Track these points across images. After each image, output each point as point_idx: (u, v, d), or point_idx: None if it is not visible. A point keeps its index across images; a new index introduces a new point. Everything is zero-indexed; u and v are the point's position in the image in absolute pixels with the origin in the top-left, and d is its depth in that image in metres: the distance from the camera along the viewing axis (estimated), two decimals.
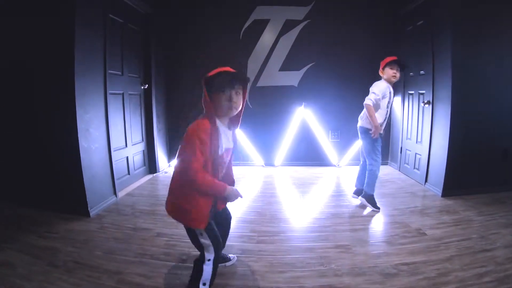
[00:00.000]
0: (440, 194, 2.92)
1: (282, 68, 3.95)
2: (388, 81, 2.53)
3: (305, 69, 3.92)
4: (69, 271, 1.72)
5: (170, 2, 3.85)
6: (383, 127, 2.56)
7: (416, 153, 3.43)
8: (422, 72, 3.30)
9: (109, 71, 2.82)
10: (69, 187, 2.50)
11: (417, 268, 1.76)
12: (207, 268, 1.38)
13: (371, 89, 2.54)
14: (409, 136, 3.62)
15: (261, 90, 4.02)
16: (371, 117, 2.46)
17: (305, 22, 3.86)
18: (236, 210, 2.63)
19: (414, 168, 3.47)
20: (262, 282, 1.66)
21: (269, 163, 4.15)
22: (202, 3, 3.88)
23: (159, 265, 1.80)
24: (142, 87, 3.56)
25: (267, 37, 3.90)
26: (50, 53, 2.43)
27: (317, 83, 3.89)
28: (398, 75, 2.52)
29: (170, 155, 4.17)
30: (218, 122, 1.37)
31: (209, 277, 1.39)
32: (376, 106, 2.50)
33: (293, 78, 3.96)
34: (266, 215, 2.57)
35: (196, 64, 3.93)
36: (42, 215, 2.45)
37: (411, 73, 3.55)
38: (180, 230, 2.14)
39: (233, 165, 1.61)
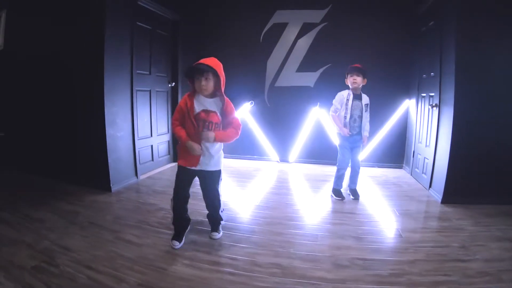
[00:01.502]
0: (440, 201, 2.83)
1: (299, 70, 4.11)
2: (352, 88, 2.76)
3: (321, 70, 4.02)
4: (83, 227, 2.19)
5: (196, 9, 4.24)
6: (347, 129, 2.77)
7: (424, 157, 3.34)
8: (432, 74, 3.22)
9: (137, 71, 3.31)
10: (97, 166, 3.00)
11: (372, 264, 1.80)
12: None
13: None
14: (420, 140, 3.53)
15: (278, 90, 4.22)
16: (334, 124, 2.88)
17: (322, 25, 3.97)
18: (235, 194, 2.92)
19: (422, 173, 3.39)
20: (222, 251, 1.92)
21: (284, 159, 4.33)
22: (225, 9, 4.22)
23: (150, 230, 2.19)
24: (170, 85, 4.02)
25: (286, 39, 4.09)
26: (85, 55, 2.95)
27: (332, 84, 3.90)
28: (358, 80, 2.71)
29: None
30: (197, 95, 1.91)
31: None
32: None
33: (309, 79, 4.10)
34: (261, 203, 2.79)
35: (222, 65, 4.25)
36: (74, 188, 2.99)
37: (424, 75, 3.47)
38: None
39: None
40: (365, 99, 2.81)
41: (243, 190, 3.18)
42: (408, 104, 3.95)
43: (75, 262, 1.75)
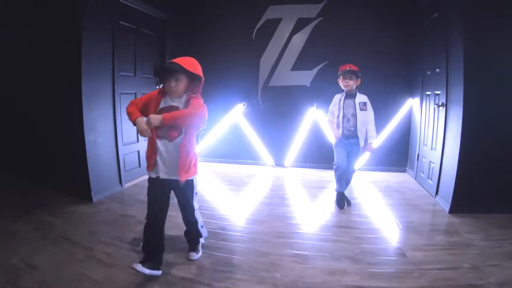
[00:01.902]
0: (448, 210, 2.59)
1: (294, 68, 3.89)
2: (345, 90, 2.66)
3: (317, 68, 3.80)
4: (55, 242, 2.04)
5: (184, 7, 4.03)
6: (340, 129, 2.66)
7: (430, 161, 3.09)
8: (437, 70, 2.97)
9: (120, 73, 3.11)
10: (77, 175, 2.82)
11: None
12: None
13: None
14: (425, 142, 3.27)
15: (273, 90, 4.00)
16: (330, 129, 2.76)
17: (318, 20, 3.74)
18: (222, 205, 2.72)
19: (428, 178, 3.14)
20: (200, 276, 1.70)
21: (279, 163, 4.11)
22: (215, 6, 4.00)
23: (125, 248, 2.00)
24: (157, 87, 3.80)
25: (279, 36, 3.87)
26: (62, 57, 2.76)
27: (329, 83, 3.65)
28: (351, 83, 2.60)
29: None
30: (167, 96, 1.70)
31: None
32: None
33: (305, 78, 3.87)
34: (249, 216, 2.57)
35: (211, 64, 4.04)
36: (56, 196, 2.86)
37: (428, 72, 3.22)
38: None
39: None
40: (360, 97, 2.65)
41: (232, 200, 2.95)
42: (411, 103, 3.70)
43: (39, 283, 1.61)
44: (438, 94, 2.97)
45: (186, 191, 1.76)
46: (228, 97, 4.05)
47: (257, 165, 4.14)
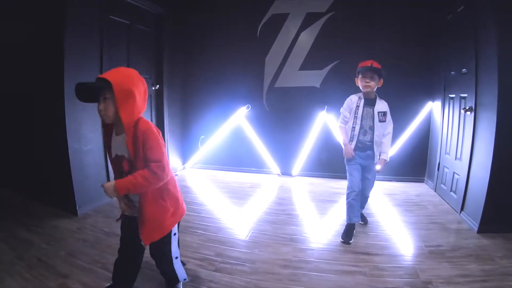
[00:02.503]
0: (476, 229, 2.27)
1: (303, 67, 3.62)
2: (363, 91, 2.25)
3: (328, 68, 3.51)
4: (29, 266, 1.82)
5: (183, 1, 3.79)
6: (352, 146, 2.27)
7: (454, 172, 2.76)
8: (464, 70, 2.64)
9: None
10: (61, 186, 2.58)
11: None
12: None
13: None
14: (448, 151, 2.95)
15: (279, 91, 3.74)
16: (342, 136, 2.36)
17: (329, 15, 3.45)
18: (220, 223, 2.40)
19: (450, 191, 2.81)
20: None
21: (285, 172, 3.81)
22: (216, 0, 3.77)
23: (103, 277, 1.73)
24: (153, 88, 3.52)
25: (286, 33, 3.61)
26: (43, 55, 2.53)
27: (341, 84, 3.40)
28: (372, 84, 2.18)
29: (185, 157, 4.10)
30: (113, 131, 1.36)
31: None
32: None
33: (314, 78, 3.58)
34: (249, 237, 2.26)
35: (211, 64, 3.87)
36: (40, 208, 2.64)
37: (452, 72, 2.89)
38: None
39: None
40: (381, 105, 2.24)
41: (232, 216, 2.64)
42: (431, 107, 3.38)
43: None
44: (464, 97, 2.65)
45: (160, 242, 1.39)
46: (230, 99, 3.81)
47: (261, 174, 3.86)
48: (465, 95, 2.62)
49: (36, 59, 2.60)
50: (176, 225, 1.45)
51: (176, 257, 1.47)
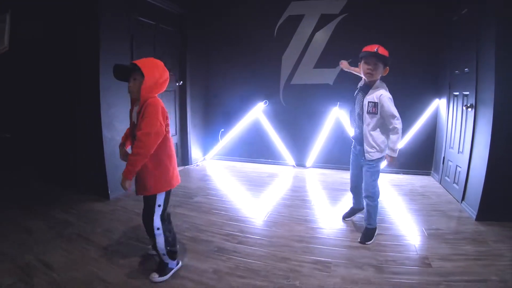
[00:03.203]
0: (475, 217, 2.46)
1: (317, 66, 3.80)
2: (364, 78, 2.11)
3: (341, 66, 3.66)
4: (70, 241, 2.07)
5: (204, 2, 4.00)
6: (352, 130, 2.27)
7: (457, 165, 2.94)
8: (466, 69, 2.81)
9: None
10: (95, 172, 2.85)
11: None
12: None
13: None
14: (451, 145, 3.11)
15: (295, 88, 3.93)
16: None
17: (342, 16, 3.62)
18: (241, 206, 2.70)
19: (453, 183, 2.98)
20: (217, 282, 1.65)
21: (300, 163, 4.04)
22: (236, 1, 3.97)
23: (138, 249, 1.98)
24: (177, 84, 3.80)
25: (302, 33, 3.79)
26: (81, 54, 2.81)
27: (353, 82, 3.53)
28: (376, 72, 1.99)
29: (206, 149, 4.37)
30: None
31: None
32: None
33: (328, 76, 3.76)
34: (268, 218, 2.52)
35: (231, 61, 4.09)
36: (72, 194, 2.89)
37: (456, 71, 3.05)
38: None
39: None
40: (372, 95, 2.01)
41: (251, 201, 2.91)
42: (438, 104, 3.54)
43: (52, 284, 1.61)
44: (466, 95, 2.81)
45: (146, 206, 1.66)
46: (248, 95, 4.03)
47: (277, 165, 4.10)
48: (467, 92, 2.78)
49: (75, 60, 2.87)
50: (163, 197, 1.64)
51: (158, 228, 1.63)
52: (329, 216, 2.57)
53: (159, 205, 1.63)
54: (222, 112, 4.23)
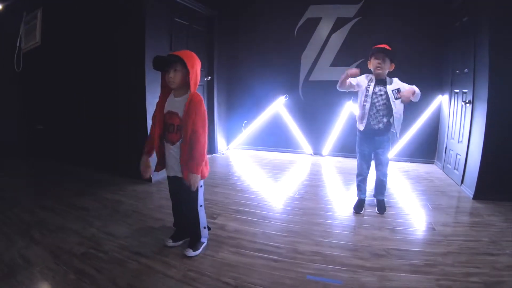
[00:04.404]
0: (472, 196, 2.87)
1: (333, 64, 4.18)
2: (375, 73, 2.34)
3: (354, 65, 4.05)
4: (127, 216, 2.37)
5: (231, 5, 4.38)
6: (362, 124, 2.40)
7: (457, 153, 3.36)
8: (465, 70, 3.21)
9: None
10: (138, 158, 3.20)
11: (407, 254, 1.90)
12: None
13: None
14: (452, 136, 3.53)
15: (313, 84, 4.33)
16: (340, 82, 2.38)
17: (356, 20, 4.01)
18: (274, 188, 3.13)
19: (454, 169, 3.41)
20: (266, 240, 2.08)
21: (317, 152, 4.46)
22: (260, 4, 4.35)
23: None
24: (206, 79, 4.21)
25: (319, 34, 4.17)
26: (127, 50, 3.16)
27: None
28: (385, 66, 2.26)
29: (229, 139, 4.79)
30: (170, 94, 1.80)
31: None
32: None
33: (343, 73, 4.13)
34: (298, 194, 2.97)
35: (255, 59, 4.48)
36: (114, 178, 3.23)
37: (457, 71, 3.45)
38: (212, 196, 2.80)
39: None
40: (394, 84, 2.33)
41: (278, 182, 3.36)
42: (441, 100, 3.93)
43: (122, 249, 1.88)
44: (465, 92, 3.19)
45: (190, 192, 1.80)
46: (271, 89, 4.41)
47: (296, 153, 4.54)
48: (466, 90, 3.17)
49: (122, 56, 3.21)
50: (203, 180, 1.85)
51: (201, 206, 1.88)
52: (348, 194, 3.03)
53: (201, 186, 1.85)
54: (246, 105, 4.62)
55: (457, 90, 3.44)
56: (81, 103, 3.66)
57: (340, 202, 2.81)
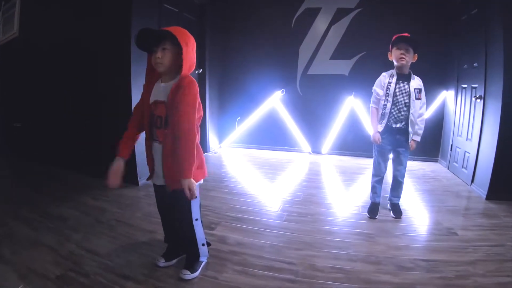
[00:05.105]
0: (485, 197, 2.73)
1: (333, 57, 3.99)
2: (397, 65, 2.15)
3: (356, 58, 3.89)
4: (111, 227, 2.05)
5: None
6: (381, 125, 2.21)
7: (465, 151, 3.22)
8: (475, 64, 3.06)
9: None
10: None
11: (436, 266, 1.72)
12: None
13: None
14: (460, 133, 3.40)
15: (311, 78, 4.11)
16: (371, 121, 2.27)
17: (357, 11, 3.82)
18: (274, 191, 2.89)
19: (462, 167, 3.27)
20: (276, 255, 1.81)
21: (316, 150, 4.25)
22: None
23: None
24: (197, 72, 3.90)
25: (319, 25, 3.96)
26: (109, 40, 2.83)
27: (368, 73, 3.70)
28: (407, 57, 2.06)
29: (221, 137, 4.50)
30: (159, 80, 1.44)
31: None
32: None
33: (343, 67, 3.96)
34: (301, 197, 2.72)
35: (249, 51, 4.21)
36: (98, 181, 2.83)
37: (465, 65, 3.31)
38: (207, 201, 2.53)
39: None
40: (416, 82, 2.16)
41: (277, 183, 3.12)
42: (445, 96, 3.80)
43: (106, 270, 1.59)
44: (475, 87, 3.07)
45: (180, 197, 1.41)
46: (266, 83, 4.17)
47: (294, 152, 4.30)
48: (476, 85, 3.04)
49: (104, 47, 2.89)
50: (198, 186, 1.47)
51: (196, 219, 1.52)
52: (355, 196, 2.80)
53: (197, 204, 1.52)
54: (239, 100, 4.36)
55: (465, 85, 3.30)
56: (62, 99, 3.30)
57: (349, 205, 2.58)
